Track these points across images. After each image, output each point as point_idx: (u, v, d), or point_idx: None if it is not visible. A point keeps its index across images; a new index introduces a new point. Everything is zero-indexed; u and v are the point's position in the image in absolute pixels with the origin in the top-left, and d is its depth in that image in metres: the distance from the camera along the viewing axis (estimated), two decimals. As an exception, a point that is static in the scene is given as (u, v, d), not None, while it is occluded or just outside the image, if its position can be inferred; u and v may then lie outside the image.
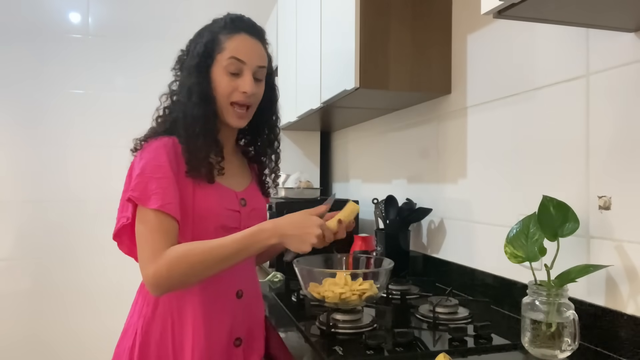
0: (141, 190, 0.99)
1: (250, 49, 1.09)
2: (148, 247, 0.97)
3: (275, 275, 1.71)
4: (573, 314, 0.92)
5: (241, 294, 1.13)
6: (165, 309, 1.05)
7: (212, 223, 1.07)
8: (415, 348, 1.02)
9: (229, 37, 1.08)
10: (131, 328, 1.08)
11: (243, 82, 1.08)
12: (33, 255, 2.79)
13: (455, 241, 1.56)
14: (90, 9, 2.91)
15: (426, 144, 1.74)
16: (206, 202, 1.06)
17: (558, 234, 0.98)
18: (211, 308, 1.07)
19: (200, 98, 1.06)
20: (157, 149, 1.03)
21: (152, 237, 0.98)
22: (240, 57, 1.07)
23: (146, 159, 1.02)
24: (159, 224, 0.98)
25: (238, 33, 1.08)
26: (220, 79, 1.07)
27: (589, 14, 0.87)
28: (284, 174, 2.36)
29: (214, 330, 1.07)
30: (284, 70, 2.45)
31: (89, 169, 2.85)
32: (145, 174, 1.00)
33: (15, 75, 2.77)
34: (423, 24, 1.54)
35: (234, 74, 1.08)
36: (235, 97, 1.09)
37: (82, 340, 2.81)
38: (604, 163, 1.02)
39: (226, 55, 1.07)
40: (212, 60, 1.08)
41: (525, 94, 1.24)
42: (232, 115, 1.10)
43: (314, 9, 1.90)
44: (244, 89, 1.08)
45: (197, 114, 1.05)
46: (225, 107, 1.09)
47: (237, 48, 1.07)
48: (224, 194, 1.11)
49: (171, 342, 1.04)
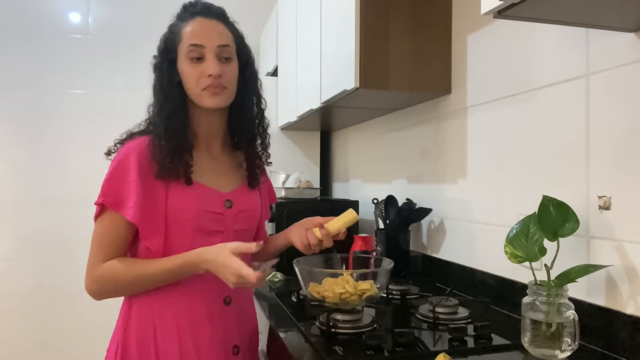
0: (111, 195, 1.00)
1: (206, 31, 1.05)
2: (90, 257, 1.03)
3: (275, 275, 1.70)
4: (573, 314, 0.92)
5: (229, 300, 1.10)
6: (145, 314, 1.04)
7: (188, 226, 1.04)
8: (415, 348, 1.02)
9: (184, 25, 1.06)
10: (116, 333, 1.08)
11: (206, 66, 1.04)
12: (33, 255, 2.79)
13: (455, 241, 1.56)
14: (90, 9, 2.91)
15: (426, 144, 1.74)
16: (181, 204, 1.03)
17: (558, 234, 0.98)
18: (196, 314, 1.05)
19: (165, 96, 1.05)
20: (127, 152, 1.03)
21: (96, 247, 1.02)
22: (197, 41, 1.04)
23: (115, 163, 1.03)
24: (107, 233, 1.02)
25: (192, 18, 1.06)
26: (185, 69, 1.05)
27: (589, 14, 0.87)
28: (284, 174, 2.36)
29: (203, 337, 1.05)
30: (284, 70, 2.45)
31: (89, 169, 2.84)
32: (113, 178, 1.01)
33: (16, 75, 2.77)
34: (423, 24, 1.54)
35: (197, 59, 1.04)
36: (203, 83, 1.04)
37: (82, 340, 2.80)
38: (604, 163, 1.02)
39: (185, 44, 1.05)
40: (174, 54, 1.06)
41: (525, 94, 1.24)
42: (205, 97, 1.05)
43: (314, 9, 1.90)
44: (208, 72, 1.03)
45: (162, 112, 1.04)
46: (198, 94, 1.06)
47: (193, 33, 1.05)
48: (205, 195, 1.07)
49: (154, 347, 1.03)
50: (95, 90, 2.89)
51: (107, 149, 1.08)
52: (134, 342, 1.03)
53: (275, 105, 2.62)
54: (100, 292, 1.02)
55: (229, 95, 1.09)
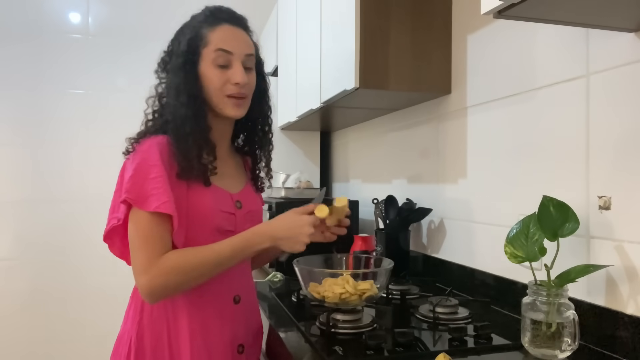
0: (136, 192, 0.97)
1: (235, 39, 1.06)
2: (141, 254, 0.96)
3: (275, 275, 1.71)
4: (573, 314, 0.92)
5: (238, 299, 1.11)
6: (159, 315, 1.04)
7: (207, 226, 1.04)
8: (415, 348, 1.02)
9: (212, 30, 1.05)
10: (126, 334, 1.06)
11: (234, 73, 1.04)
12: (33, 255, 2.79)
13: (455, 241, 1.56)
14: (90, 9, 2.91)
15: (426, 144, 1.74)
16: (201, 204, 1.04)
17: (558, 234, 0.98)
18: (208, 314, 1.05)
19: (188, 97, 1.03)
20: (150, 148, 1.00)
21: (146, 243, 0.96)
22: (227, 47, 1.04)
23: (139, 159, 0.99)
24: (152, 228, 0.97)
25: (220, 24, 1.06)
26: (210, 73, 1.04)
27: (589, 14, 0.87)
28: (284, 174, 2.36)
29: (213, 336, 1.05)
30: (284, 70, 2.45)
31: (89, 169, 2.85)
32: (139, 174, 0.98)
33: (16, 75, 2.77)
34: (423, 24, 1.54)
35: (223, 66, 1.05)
36: (228, 90, 1.05)
37: (82, 340, 2.81)
38: (604, 163, 1.02)
39: (212, 48, 1.04)
40: (198, 57, 1.05)
41: (525, 94, 1.24)
42: (229, 106, 1.06)
43: (314, 9, 1.90)
44: (236, 80, 1.04)
45: (186, 114, 1.02)
46: (221, 100, 1.06)
47: (222, 39, 1.05)
48: (219, 195, 1.08)
49: (168, 349, 1.02)
50: (95, 90, 2.90)
51: (125, 148, 1.06)
52: (148, 343, 1.02)
53: (275, 105, 2.62)
54: (165, 286, 0.96)
55: (248, 104, 1.12)
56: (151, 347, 1.02)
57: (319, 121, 2.36)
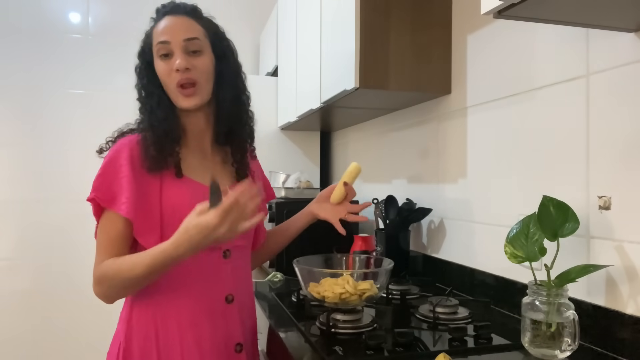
0: (103, 191, 1.01)
1: (171, 27, 1.06)
2: (95, 258, 1.02)
3: (275, 275, 1.71)
4: (573, 314, 0.92)
5: (231, 298, 1.09)
6: (147, 315, 1.04)
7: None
8: (415, 348, 1.02)
9: (156, 26, 1.09)
10: (117, 334, 1.07)
11: (174, 61, 1.05)
12: (33, 255, 2.79)
13: (455, 241, 1.56)
14: (90, 9, 2.91)
15: (426, 144, 1.74)
16: (176, 198, 1.04)
17: (558, 234, 0.98)
18: (198, 313, 1.05)
19: (148, 94, 1.08)
20: (119, 148, 1.04)
21: (98, 247, 1.02)
22: (164, 38, 1.05)
23: (107, 159, 1.04)
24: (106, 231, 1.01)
25: (161, 19, 1.09)
26: (159, 67, 1.07)
27: (589, 14, 0.87)
28: (284, 174, 2.36)
29: (205, 336, 1.05)
30: (284, 70, 2.45)
31: (89, 169, 2.83)
32: (105, 174, 1.02)
33: (16, 75, 2.78)
34: (423, 24, 1.54)
35: (164, 56, 1.06)
36: (173, 79, 1.05)
37: (82, 340, 2.81)
38: (604, 163, 1.02)
39: (154, 43, 1.07)
40: (150, 56, 1.09)
41: (525, 94, 1.24)
42: (180, 98, 1.06)
43: (314, 9, 1.90)
44: (174, 67, 1.04)
45: (151, 109, 1.07)
46: (174, 92, 1.07)
47: (160, 31, 1.06)
48: (198, 190, 1.06)
49: (156, 349, 1.02)
50: (95, 90, 2.90)
51: (99, 147, 1.09)
52: (135, 342, 1.03)
53: (275, 105, 2.62)
54: (104, 294, 1.00)
55: (202, 91, 1.08)
56: (139, 347, 1.03)
57: (319, 121, 2.36)
